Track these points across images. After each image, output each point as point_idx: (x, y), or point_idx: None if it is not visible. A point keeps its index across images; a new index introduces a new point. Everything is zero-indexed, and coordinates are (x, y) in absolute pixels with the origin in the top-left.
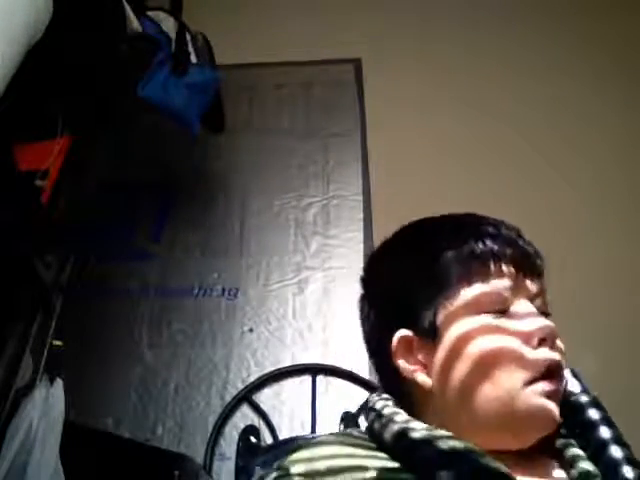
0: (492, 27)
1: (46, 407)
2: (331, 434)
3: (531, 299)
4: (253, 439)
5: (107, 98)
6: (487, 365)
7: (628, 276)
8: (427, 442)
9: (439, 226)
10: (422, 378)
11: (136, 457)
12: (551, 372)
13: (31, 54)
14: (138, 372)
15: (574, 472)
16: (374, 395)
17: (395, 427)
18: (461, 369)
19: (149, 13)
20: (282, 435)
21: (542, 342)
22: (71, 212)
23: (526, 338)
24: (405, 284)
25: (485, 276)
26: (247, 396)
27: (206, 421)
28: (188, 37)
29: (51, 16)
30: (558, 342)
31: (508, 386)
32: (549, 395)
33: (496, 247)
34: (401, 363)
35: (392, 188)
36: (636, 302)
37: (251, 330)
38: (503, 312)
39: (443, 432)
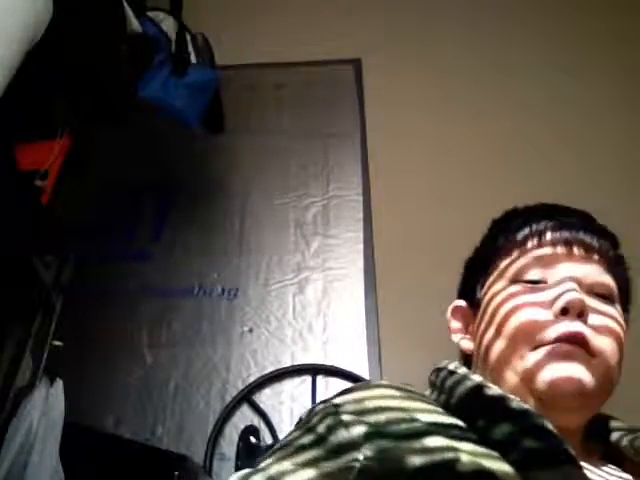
0: (492, 27)
1: (46, 407)
2: (386, 380)
3: (577, 278)
4: (253, 439)
5: (107, 98)
6: (510, 328)
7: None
8: (501, 399)
9: (513, 212)
10: (464, 343)
11: (136, 457)
12: (573, 341)
13: (31, 54)
14: (138, 372)
15: None
16: (445, 361)
17: (469, 383)
18: (490, 332)
19: (149, 13)
20: (282, 435)
21: (564, 312)
22: (71, 212)
23: (548, 307)
24: (472, 260)
25: (523, 248)
26: (247, 396)
27: (206, 421)
28: (188, 37)
29: (51, 16)
30: (598, 319)
31: (525, 354)
32: (565, 356)
33: (541, 225)
34: (452, 329)
35: (392, 188)
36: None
37: (251, 330)
38: (538, 283)
39: (514, 397)
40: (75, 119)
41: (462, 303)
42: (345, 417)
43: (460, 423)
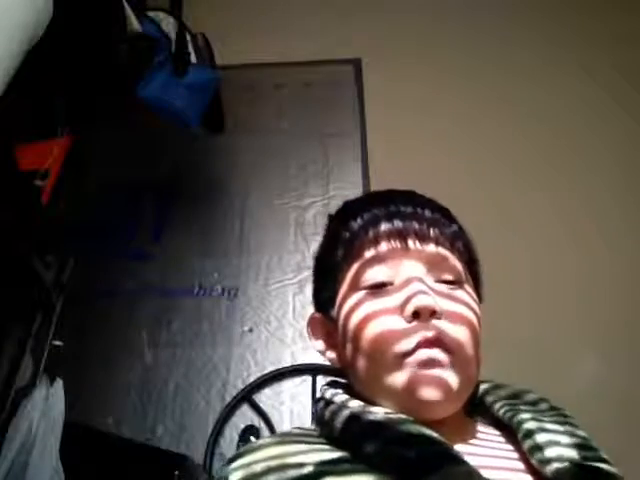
0: (492, 27)
1: (46, 407)
2: (270, 436)
3: (420, 274)
4: (253, 439)
5: (107, 98)
6: (365, 343)
7: (628, 276)
8: (356, 418)
9: (343, 212)
10: (330, 356)
11: (136, 457)
12: (430, 344)
13: (31, 54)
14: (138, 372)
15: (529, 442)
16: (324, 385)
17: (345, 413)
18: (349, 347)
19: (149, 13)
20: None
21: (416, 315)
22: (71, 212)
23: (398, 312)
24: (316, 270)
25: (361, 254)
26: (247, 396)
27: (206, 421)
28: (188, 37)
29: (51, 16)
30: (452, 314)
31: (385, 363)
32: (426, 363)
33: (371, 224)
34: (315, 344)
35: (392, 188)
36: (636, 301)
37: (251, 330)
38: (383, 286)
39: (377, 408)
40: (75, 119)
41: (318, 315)
42: None
43: (346, 455)
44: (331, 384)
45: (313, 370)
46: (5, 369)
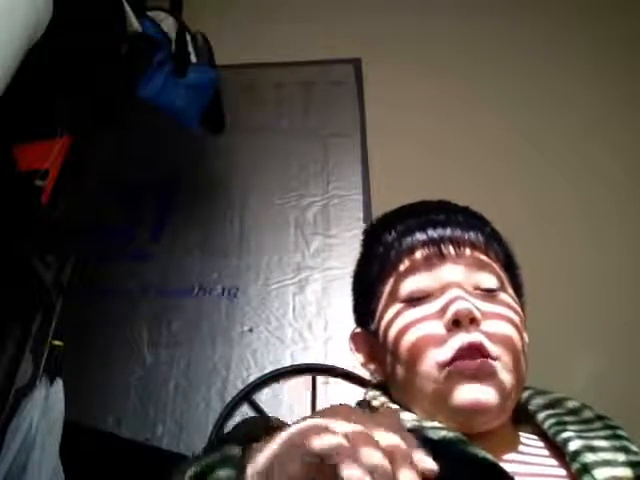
0: (491, 27)
1: (46, 407)
2: None
3: (458, 281)
4: None
5: (107, 98)
6: (407, 355)
7: (628, 275)
8: (415, 432)
9: (376, 226)
10: (371, 368)
11: (136, 457)
12: (470, 353)
13: (31, 54)
14: (138, 372)
15: (576, 465)
16: (368, 388)
17: None
18: (389, 358)
19: (149, 13)
20: None
21: (456, 324)
22: (71, 212)
23: (439, 319)
24: (354, 286)
25: (397, 265)
26: (247, 396)
27: (206, 421)
28: (188, 37)
29: (51, 16)
30: (492, 323)
31: (427, 375)
32: (469, 377)
33: (404, 235)
34: (357, 358)
35: (392, 188)
36: (636, 302)
37: (251, 330)
38: (422, 295)
39: (432, 423)
40: (75, 119)
41: (360, 330)
42: None
43: None
44: (374, 388)
45: (313, 370)
46: (5, 369)
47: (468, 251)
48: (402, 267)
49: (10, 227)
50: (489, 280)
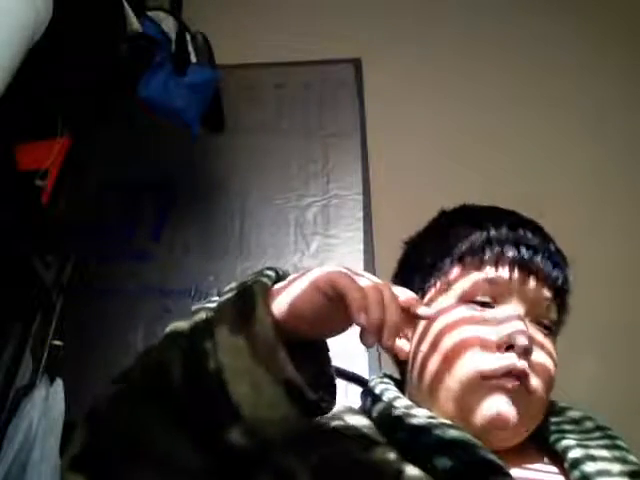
0: (492, 27)
1: (46, 407)
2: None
3: (527, 308)
4: None
5: (107, 98)
6: (450, 347)
7: (628, 275)
8: (426, 430)
9: (453, 217)
10: (401, 344)
11: None
12: (516, 376)
13: (31, 54)
14: None
15: (576, 473)
16: (376, 378)
17: (395, 412)
18: (425, 345)
19: (149, 13)
20: None
21: (509, 348)
22: (71, 212)
23: (495, 337)
24: (414, 256)
25: (472, 266)
26: None
27: None
28: (188, 37)
29: (51, 16)
30: (539, 357)
31: (463, 377)
32: (506, 390)
33: (495, 243)
34: None
35: (392, 188)
36: (636, 302)
37: None
38: (485, 304)
39: (443, 420)
40: (75, 119)
41: None
42: None
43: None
44: (384, 378)
45: None
46: (5, 369)
47: (547, 287)
48: (478, 270)
49: (10, 227)
50: (549, 321)
